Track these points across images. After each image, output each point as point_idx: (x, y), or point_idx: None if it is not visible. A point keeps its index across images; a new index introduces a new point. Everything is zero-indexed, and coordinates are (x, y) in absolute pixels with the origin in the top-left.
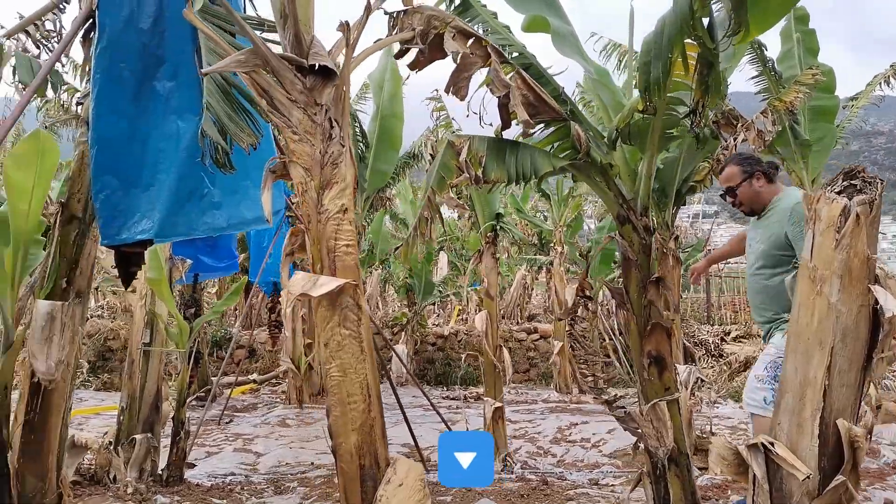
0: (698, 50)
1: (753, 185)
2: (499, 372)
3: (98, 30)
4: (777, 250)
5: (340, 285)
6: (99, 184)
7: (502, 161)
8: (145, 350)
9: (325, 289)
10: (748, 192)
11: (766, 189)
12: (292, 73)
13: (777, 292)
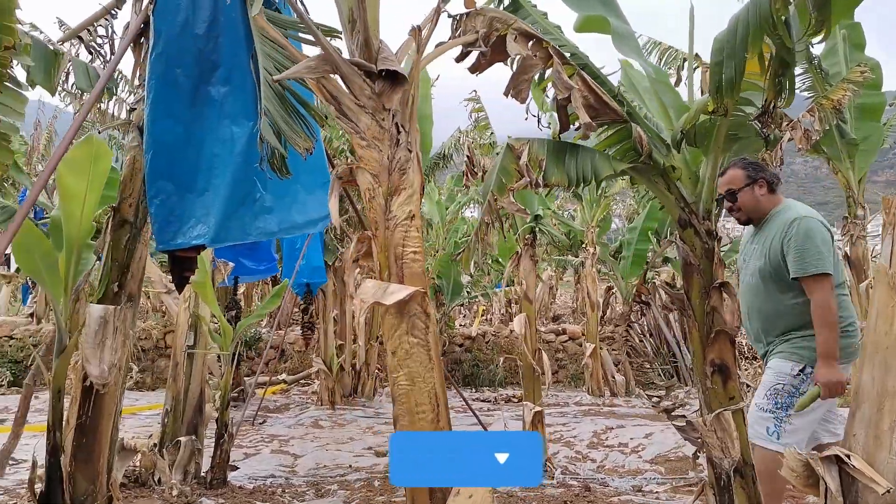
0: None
1: (755, 192)
2: (538, 376)
3: (154, 35)
4: (778, 266)
5: (411, 293)
6: (154, 188)
7: (562, 164)
8: (189, 352)
9: (397, 297)
10: (749, 198)
11: (767, 198)
12: (361, 79)
13: (778, 311)
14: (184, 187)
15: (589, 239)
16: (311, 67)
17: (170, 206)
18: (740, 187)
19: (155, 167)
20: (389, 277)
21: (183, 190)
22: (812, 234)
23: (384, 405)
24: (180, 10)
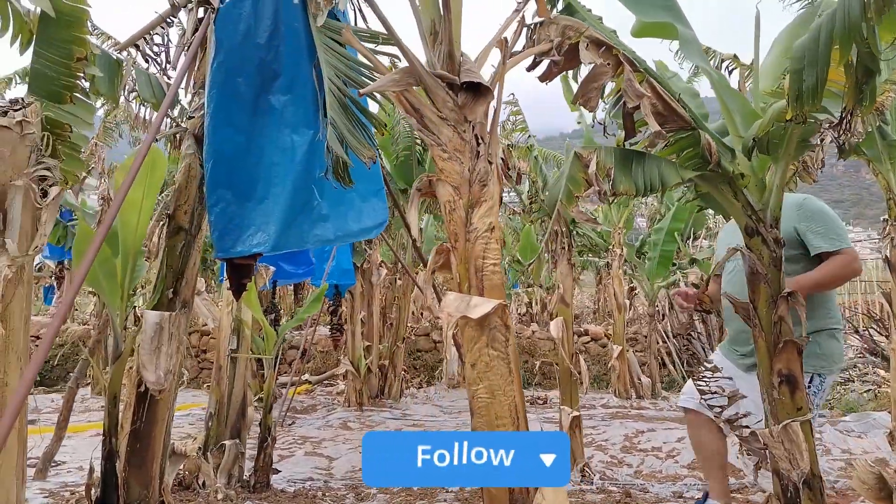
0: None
1: None
2: (575, 380)
3: (215, 45)
4: (788, 250)
5: (495, 306)
6: (214, 197)
7: (629, 172)
8: (232, 357)
9: (483, 310)
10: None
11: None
12: (444, 91)
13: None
14: (243, 196)
15: (616, 240)
16: (396, 80)
17: (229, 215)
18: None
19: (215, 176)
20: (469, 289)
21: (243, 198)
22: (828, 211)
23: (411, 406)
24: (241, 20)
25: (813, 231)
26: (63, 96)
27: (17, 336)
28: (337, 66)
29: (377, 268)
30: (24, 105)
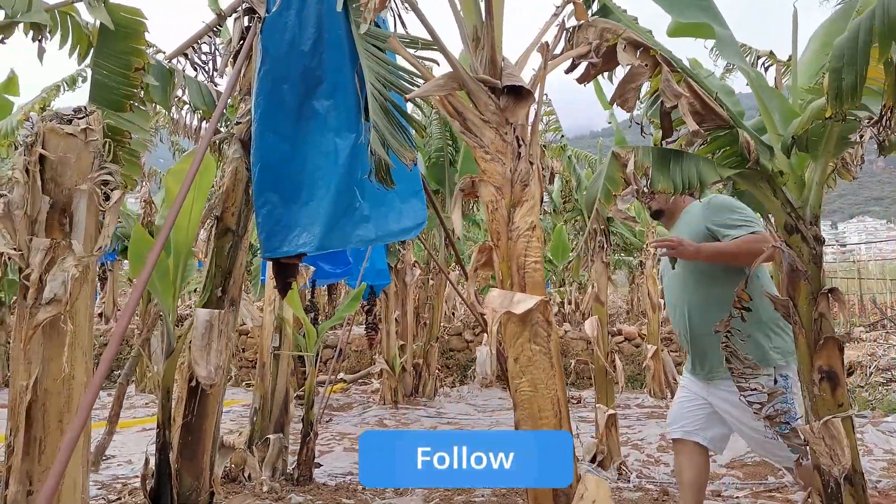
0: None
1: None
2: (611, 379)
3: (261, 54)
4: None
5: (537, 302)
6: (261, 200)
7: (667, 171)
8: (275, 354)
9: (526, 306)
10: (678, 202)
11: (685, 200)
12: (486, 95)
13: (722, 306)
14: (289, 198)
15: (650, 239)
16: (440, 85)
17: (276, 216)
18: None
19: (262, 180)
20: (512, 286)
21: (288, 201)
22: (734, 202)
23: (445, 405)
24: (287, 29)
25: (724, 223)
26: (123, 104)
27: (83, 332)
28: (378, 72)
29: (411, 268)
30: (87, 113)
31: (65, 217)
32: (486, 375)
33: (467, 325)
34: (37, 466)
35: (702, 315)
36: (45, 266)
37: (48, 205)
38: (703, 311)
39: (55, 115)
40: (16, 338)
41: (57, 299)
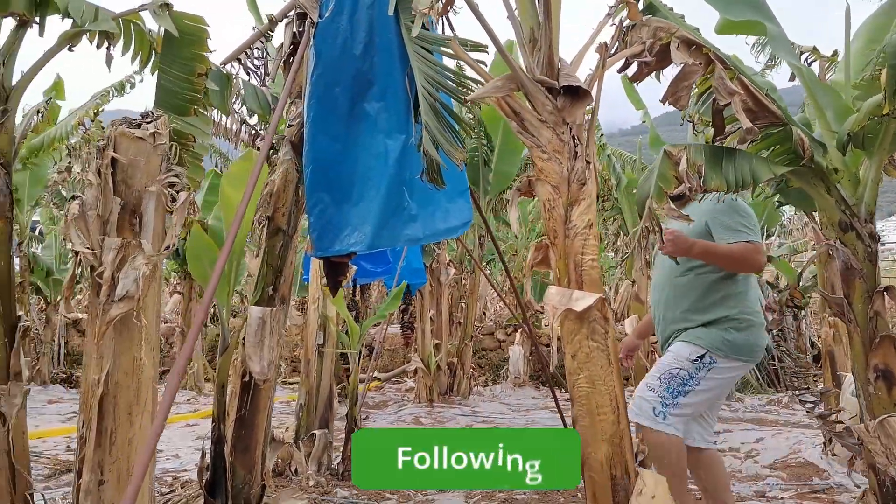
0: None
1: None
2: None
3: (314, 58)
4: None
5: (597, 300)
6: (313, 200)
7: (720, 169)
8: (319, 351)
9: (586, 303)
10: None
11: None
12: (544, 95)
13: (685, 286)
14: (341, 198)
15: None
16: (499, 87)
17: (328, 216)
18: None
19: (314, 181)
20: (569, 284)
21: (340, 201)
22: (741, 206)
23: (479, 404)
24: (339, 34)
25: (724, 224)
26: (188, 109)
27: (151, 328)
28: (428, 73)
29: (445, 267)
30: (154, 118)
31: (135, 217)
32: (519, 375)
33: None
34: (107, 457)
35: (678, 299)
36: (116, 264)
37: (119, 206)
38: (679, 296)
39: (124, 120)
40: (88, 333)
41: (129, 296)
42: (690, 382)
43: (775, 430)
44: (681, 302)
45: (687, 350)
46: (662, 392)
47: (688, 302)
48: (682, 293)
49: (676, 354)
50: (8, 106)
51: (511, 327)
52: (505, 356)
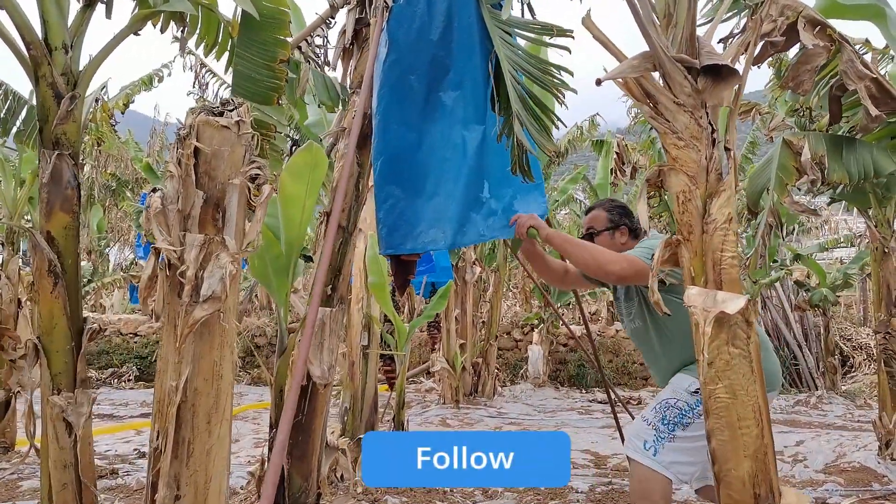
0: None
1: (615, 238)
2: None
3: (389, 44)
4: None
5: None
6: (383, 193)
7: (840, 160)
8: (364, 352)
9: (737, 305)
10: (606, 243)
11: (628, 247)
12: (682, 76)
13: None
14: (414, 192)
15: None
16: (634, 66)
17: (399, 211)
18: (599, 230)
19: (385, 173)
20: (706, 283)
21: (413, 195)
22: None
23: (504, 405)
24: (416, 18)
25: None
26: (270, 98)
27: (232, 331)
28: (514, 60)
29: (471, 266)
30: (236, 105)
31: (217, 212)
32: (539, 375)
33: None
34: (185, 470)
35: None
36: (200, 262)
37: (202, 199)
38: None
39: (204, 108)
40: (167, 337)
41: (215, 296)
42: (690, 414)
43: (813, 433)
44: (677, 349)
45: (686, 381)
46: (657, 424)
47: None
48: (676, 340)
49: (675, 386)
50: (77, 91)
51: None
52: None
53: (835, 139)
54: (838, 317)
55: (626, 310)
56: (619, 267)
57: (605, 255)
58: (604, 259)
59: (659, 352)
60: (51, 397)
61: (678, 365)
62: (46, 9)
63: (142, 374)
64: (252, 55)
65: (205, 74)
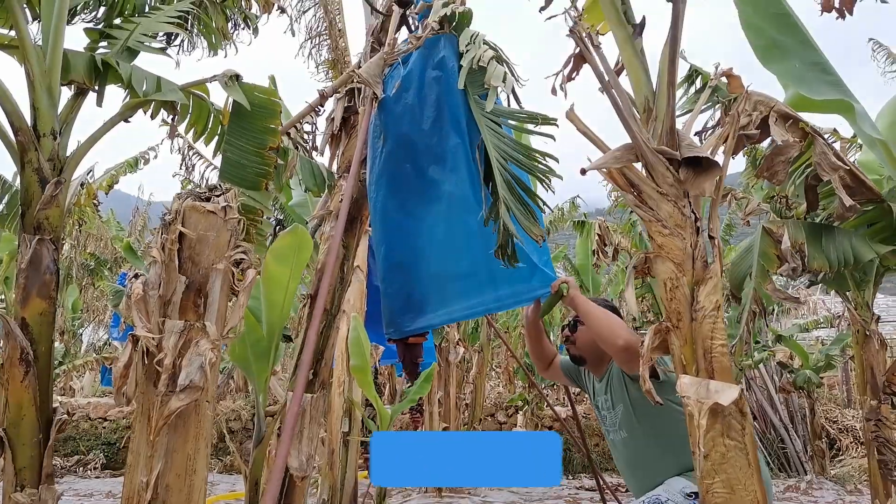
0: None
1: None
2: None
3: (384, 133)
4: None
5: (739, 392)
6: (388, 279)
7: (821, 247)
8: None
9: (730, 396)
10: (587, 336)
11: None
12: (664, 166)
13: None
14: (418, 275)
15: None
16: (617, 157)
17: (405, 294)
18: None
19: (388, 259)
20: (697, 372)
21: (418, 277)
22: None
23: (489, 493)
24: (406, 109)
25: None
26: (259, 183)
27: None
28: (501, 147)
29: (455, 346)
30: (224, 190)
31: (199, 297)
32: None
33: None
34: None
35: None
36: (178, 350)
37: (184, 284)
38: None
39: (191, 192)
40: (139, 429)
41: (193, 385)
42: None
43: None
44: (670, 464)
45: (681, 483)
46: None
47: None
48: (664, 455)
49: (668, 486)
50: (62, 177)
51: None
52: None
53: (813, 227)
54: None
55: (611, 419)
56: (632, 341)
57: (621, 324)
58: (618, 328)
59: (646, 462)
60: (13, 494)
61: (672, 473)
62: (37, 97)
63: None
64: (242, 142)
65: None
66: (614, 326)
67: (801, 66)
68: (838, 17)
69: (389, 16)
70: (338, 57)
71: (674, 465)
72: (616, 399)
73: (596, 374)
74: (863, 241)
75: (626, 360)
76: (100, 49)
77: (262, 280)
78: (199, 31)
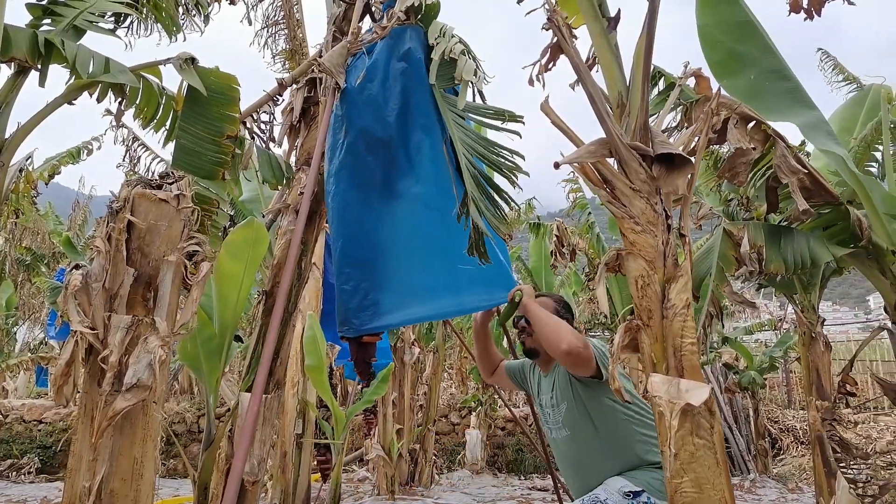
0: None
1: None
2: None
3: (345, 125)
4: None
5: (710, 391)
6: (345, 274)
7: (779, 250)
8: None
9: (701, 395)
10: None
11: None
12: (637, 163)
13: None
14: (377, 272)
15: None
16: (592, 151)
17: (362, 292)
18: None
19: (345, 254)
20: (667, 371)
21: (376, 274)
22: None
23: (442, 495)
24: (371, 100)
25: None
26: (215, 173)
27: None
28: (468, 143)
29: (410, 346)
30: (176, 178)
31: (149, 291)
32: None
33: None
34: None
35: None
36: (125, 347)
37: (132, 277)
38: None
39: (141, 180)
40: (81, 431)
41: (140, 385)
42: None
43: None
44: (611, 465)
45: (620, 483)
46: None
47: (619, 463)
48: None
49: (607, 486)
50: (1, 159)
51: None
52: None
53: (772, 229)
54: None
55: (554, 417)
56: (575, 346)
57: (569, 330)
58: (565, 333)
59: (588, 461)
60: None
61: (614, 473)
62: None
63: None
64: (197, 129)
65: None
66: (560, 331)
67: (759, 77)
68: (806, 18)
69: (353, 4)
70: (295, 48)
71: (615, 464)
72: (561, 397)
73: (544, 371)
74: (820, 242)
75: (570, 364)
76: (43, 26)
77: (214, 275)
78: (151, 13)
